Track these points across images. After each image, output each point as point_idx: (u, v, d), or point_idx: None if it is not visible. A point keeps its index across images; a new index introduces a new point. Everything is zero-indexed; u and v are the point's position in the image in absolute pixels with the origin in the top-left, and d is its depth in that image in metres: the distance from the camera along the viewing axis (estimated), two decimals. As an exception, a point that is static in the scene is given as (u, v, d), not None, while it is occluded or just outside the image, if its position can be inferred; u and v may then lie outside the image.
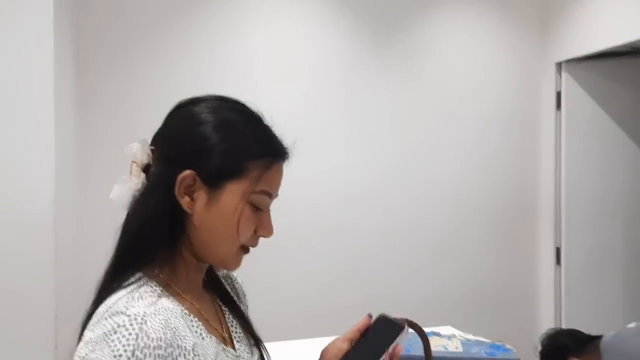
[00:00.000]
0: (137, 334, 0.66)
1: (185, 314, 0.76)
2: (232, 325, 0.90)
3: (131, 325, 0.67)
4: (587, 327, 2.80)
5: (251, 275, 1.04)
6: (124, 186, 0.82)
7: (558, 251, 3.06)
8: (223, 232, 0.80)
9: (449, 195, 2.96)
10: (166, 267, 0.80)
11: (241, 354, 0.85)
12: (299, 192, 2.63)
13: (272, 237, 0.85)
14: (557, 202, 3.07)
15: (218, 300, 0.92)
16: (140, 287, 0.74)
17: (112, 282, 0.77)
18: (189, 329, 0.74)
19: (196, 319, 0.78)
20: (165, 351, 0.67)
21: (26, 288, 1.85)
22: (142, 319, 0.68)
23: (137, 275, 0.77)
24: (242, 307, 0.97)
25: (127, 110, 2.47)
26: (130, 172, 0.82)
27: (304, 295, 2.68)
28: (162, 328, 0.68)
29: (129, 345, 0.65)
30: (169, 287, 0.79)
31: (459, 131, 2.99)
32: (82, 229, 2.31)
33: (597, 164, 3.10)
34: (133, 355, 0.64)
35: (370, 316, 0.94)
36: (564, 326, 3.00)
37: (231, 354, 0.82)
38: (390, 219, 2.84)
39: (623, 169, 3.15)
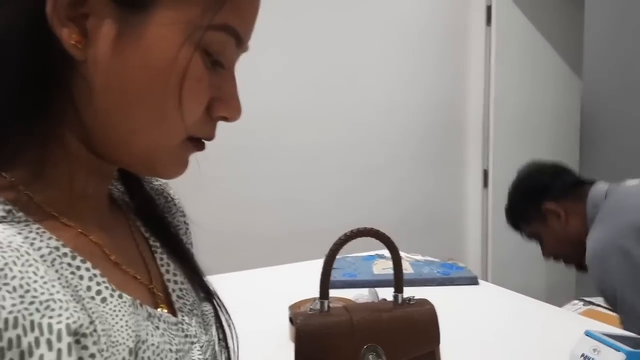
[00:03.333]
0: None
1: (63, 254, 0.40)
2: (167, 272, 0.55)
3: None
4: (514, 248, 2.76)
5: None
6: None
7: (485, 174, 2.96)
8: (152, 102, 0.42)
9: (373, 116, 2.73)
10: (24, 168, 0.42)
11: (184, 319, 0.51)
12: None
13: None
14: (486, 123, 2.94)
15: (142, 231, 0.56)
16: None
17: None
18: (67, 282, 0.39)
19: (88, 264, 0.42)
20: (2, 337, 0.32)
21: None
22: None
23: None
24: (184, 241, 0.62)
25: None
26: None
27: (227, 225, 2.33)
28: None
29: None
30: (31, 205, 0.41)
31: (382, 47, 2.73)
32: None
33: (527, 83, 3.00)
34: None
35: None
36: (490, 248, 2.95)
37: (166, 321, 0.48)
38: (315, 140, 2.58)
39: (552, 87, 3.08)
